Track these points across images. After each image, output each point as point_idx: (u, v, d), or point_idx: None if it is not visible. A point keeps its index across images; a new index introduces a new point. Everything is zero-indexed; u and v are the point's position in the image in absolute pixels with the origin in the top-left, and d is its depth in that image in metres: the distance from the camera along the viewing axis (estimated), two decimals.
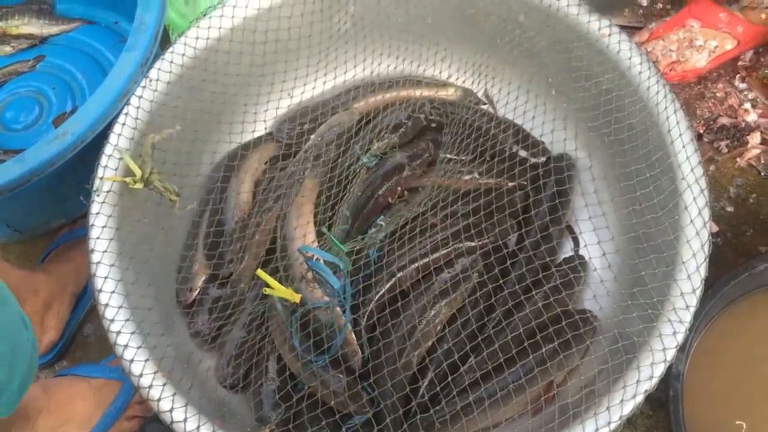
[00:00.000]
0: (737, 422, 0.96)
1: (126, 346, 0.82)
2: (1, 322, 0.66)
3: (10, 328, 0.68)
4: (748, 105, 1.29)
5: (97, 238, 0.87)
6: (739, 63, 1.31)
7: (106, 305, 0.84)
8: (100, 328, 1.12)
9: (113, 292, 0.85)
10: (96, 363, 1.03)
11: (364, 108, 1.13)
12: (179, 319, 1.00)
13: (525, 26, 1.08)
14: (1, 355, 0.65)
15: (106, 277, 0.85)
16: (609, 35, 1.01)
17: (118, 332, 0.83)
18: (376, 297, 0.94)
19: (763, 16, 1.23)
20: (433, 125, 1.12)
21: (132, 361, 0.81)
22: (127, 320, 0.84)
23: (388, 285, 0.95)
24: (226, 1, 1.05)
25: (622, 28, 1.09)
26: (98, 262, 0.86)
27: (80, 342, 1.13)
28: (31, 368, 0.70)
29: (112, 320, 0.83)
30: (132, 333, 0.83)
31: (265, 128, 1.15)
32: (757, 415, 0.97)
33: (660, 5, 1.39)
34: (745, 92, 1.31)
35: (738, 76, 1.31)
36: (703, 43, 1.25)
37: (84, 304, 1.15)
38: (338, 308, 0.89)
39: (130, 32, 1.05)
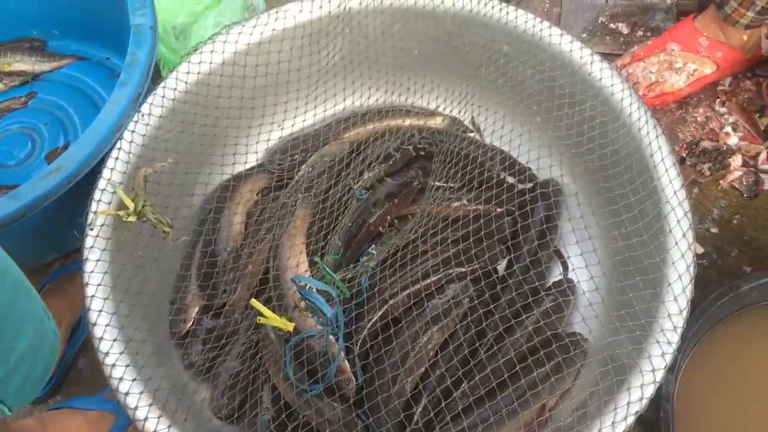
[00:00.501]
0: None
1: (121, 378, 0.82)
2: (27, 311, 0.68)
3: (36, 317, 0.70)
4: (728, 128, 1.32)
5: (92, 271, 0.88)
6: (719, 88, 1.35)
7: (101, 338, 0.85)
8: (93, 362, 1.13)
9: (108, 325, 0.85)
10: (91, 396, 1.03)
11: (354, 138, 1.15)
12: (173, 350, 1.00)
13: (509, 56, 1.10)
14: (28, 341, 0.67)
15: (100, 311, 0.86)
16: (591, 63, 1.03)
17: (113, 365, 0.83)
18: (369, 324, 0.95)
19: (745, 37, 1.26)
20: (422, 153, 1.14)
21: (127, 393, 0.81)
22: (121, 353, 0.84)
23: (380, 312, 0.96)
24: (217, 37, 1.07)
25: (604, 55, 1.12)
26: (93, 296, 0.87)
27: (74, 376, 1.13)
28: (53, 355, 0.73)
29: (107, 353, 0.84)
30: (127, 366, 0.83)
31: (257, 159, 1.16)
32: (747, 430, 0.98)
33: (640, 32, 1.43)
34: (726, 116, 1.34)
35: (718, 100, 1.34)
36: (682, 66, 1.29)
37: (77, 338, 1.16)
38: (331, 336, 0.90)
39: (122, 67, 1.07)
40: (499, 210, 1.08)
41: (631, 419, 0.78)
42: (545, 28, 1.06)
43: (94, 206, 0.92)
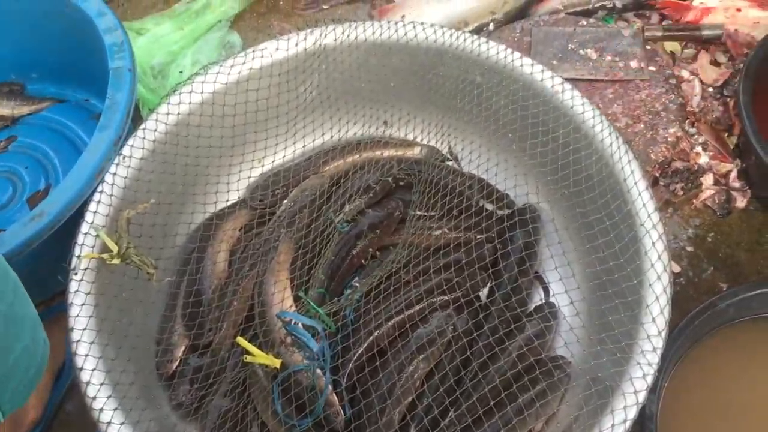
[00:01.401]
0: None
1: (109, 423, 0.82)
2: (26, 314, 0.71)
3: (32, 320, 0.73)
4: (699, 148, 1.35)
5: (77, 316, 0.89)
6: (688, 109, 1.38)
7: (88, 383, 0.85)
8: (81, 404, 1.12)
9: (94, 369, 0.86)
10: None
11: (334, 172, 1.17)
12: (161, 391, 1.00)
13: (482, 86, 1.13)
14: (25, 344, 0.69)
15: (86, 355, 0.86)
16: (562, 92, 1.06)
17: (101, 409, 0.83)
18: (355, 357, 0.96)
19: None
20: (402, 184, 1.16)
21: None
22: (109, 397, 0.84)
23: (365, 344, 0.97)
24: (195, 77, 1.09)
25: (574, 80, 1.15)
26: (78, 341, 0.87)
27: (62, 419, 1.12)
28: (43, 361, 0.75)
29: (94, 398, 0.84)
30: (115, 409, 0.84)
31: (238, 196, 1.17)
32: None
33: (609, 57, 1.46)
34: (696, 136, 1.37)
35: (687, 121, 1.38)
36: None
37: (63, 381, 1.15)
38: (318, 371, 0.91)
39: (101, 109, 1.08)
40: (479, 237, 1.10)
41: None
42: (516, 58, 1.09)
43: (77, 250, 0.93)
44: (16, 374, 0.66)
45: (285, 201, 1.13)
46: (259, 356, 0.89)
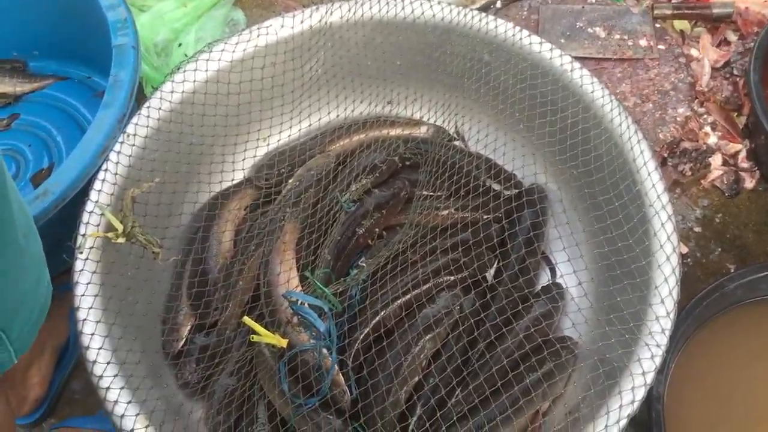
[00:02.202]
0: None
1: (116, 401, 0.82)
2: (36, 252, 0.70)
3: (40, 259, 0.73)
4: (707, 128, 1.34)
5: (83, 295, 0.88)
6: (697, 88, 1.37)
7: (94, 362, 0.85)
8: (86, 384, 1.12)
9: (101, 348, 0.85)
10: (87, 415, 1.03)
11: (340, 151, 1.16)
12: (167, 370, 1.00)
13: (490, 65, 1.12)
14: (31, 281, 0.69)
15: (92, 334, 0.86)
16: (571, 70, 1.05)
17: (108, 388, 0.83)
18: (362, 337, 0.96)
19: None
20: (408, 164, 1.15)
21: (123, 416, 0.81)
22: (115, 375, 0.84)
23: (372, 324, 0.97)
24: (199, 55, 1.08)
25: (583, 59, 1.14)
26: (84, 319, 0.87)
27: (68, 398, 1.13)
28: (45, 303, 0.74)
29: (100, 376, 0.84)
30: (121, 388, 0.83)
31: (244, 175, 1.16)
32: (737, 427, 1.00)
33: (617, 35, 1.44)
34: (705, 116, 1.36)
35: (696, 101, 1.36)
36: None
37: (68, 360, 1.15)
38: (325, 350, 0.91)
39: (104, 86, 1.07)
40: (486, 218, 1.09)
41: (624, 422, 0.79)
42: (525, 36, 1.08)
43: (82, 229, 0.92)
44: (23, 312, 0.66)
45: (290, 180, 1.12)
46: (266, 335, 0.89)
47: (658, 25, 1.43)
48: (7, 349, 0.66)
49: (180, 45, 1.38)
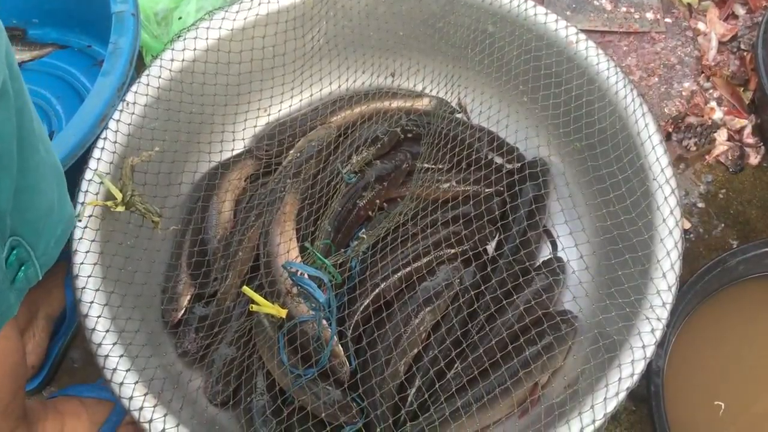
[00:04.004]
0: (716, 403, 0.99)
1: (115, 369, 0.82)
2: (58, 169, 0.71)
3: (60, 178, 0.73)
4: (713, 103, 1.32)
5: (81, 263, 0.88)
6: (703, 63, 1.35)
7: (93, 330, 0.84)
8: (85, 353, 1.13)
9: (99, 316, 0.85)
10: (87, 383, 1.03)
11: (341, 122, 1.15)
12: (166, 339, 1.00)
13: (494, 36, 1.10)
14: (55, 194, 0.69)
15: (91, 302, 0.86)
16: (576, 42, 1.03)
17: (106, 356, 0.83)
18: (361, 308, 0.96)
19: None
20: (410, 136, 1.14)
21: (122, 384, 0.81)
22: (114, 344, 0.84)
23: (372, 296, 0.97)
24: (200, 23, 1.06)
25: (588, 32, 1.12)
26: (83, 288, 0.87)
27: (67, 367, 1.13)
28: (70, 220, 0.74)
29: (99, 344, 0.84)
30: (120, 356, 0.83)
31: (244, 146, 1.16)
32: (736, 402, 1.00)
33: (624, 8, 1.42)
34: (710, 91, 1.34)
35: (702, 75, 1.35)
36: None
37: (66, 328, 1.15)
38: (324, 321, 0.91)
39: (104, 56, 1.05)
40: (487, 191, 1.09)
41: (622, 395, 0.79)
42: (530, 7, 1.06)
43: (81, 197, 0.91)
44: (49, 223, 0.67)
45: (291, 151, 1.11)
46: (265, 305, 0.89)
47: None
48: (33, 264, 0.66)
49: (180, 18, 1.36)
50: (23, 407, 0.82)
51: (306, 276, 0.92)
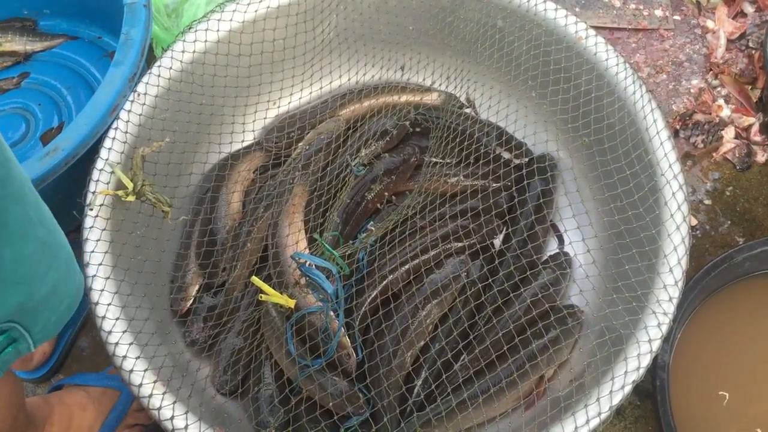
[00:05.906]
0: (720, 392, 1.00)
1: (125, 357, 0.83)
2: (64, 247, 0.66)
3: (67, 255, 0.68)
4: (721, 101, 1.32)
5: (92, 251, 0.88)
6: (711, 60, 1.35)
7: (103, 317, 0.85)
8: (94, 341, 1.14)
9: (110, 304, 0.86)
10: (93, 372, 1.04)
11: (350, 115, 1.15)
12: (175, 328, 1.01)
13: (504, 31, 1.10)
14: (59, 274, 0.65)
15: (102, 290, 0.86)
16: (586, 38, 1.04)
17: (116, 343, 0.84)
18: (369, 300, 0.97)
19: None
20: (418, 130, 1.15)
21: (131, 371, 0.82)
22: (124, 331, 0.85)
23: (379, 288, 0.97)
24: (211, 15, 1.07)
25: (597, 28, 1.12)
26: (94, 276, 0.87)
27: (75, 355, 1.14)
28: (78, 293, 0.70)
29: (109, 332, 0.84)
30: (130, 344, 0.84)
31: (253, 138, 1.16)
32: (741, 397, 1.00)
33: (633, 5, 1.43)
34: (718, 88, 1.34)
35: (711, 73, 1.35)
36: None
37: (76, 317, 1.16)
38: (332, 312, 0.91)
39: (116, 47, 1.06)
40: (495, 185, 1.09)
41: (628, 389, 0.79)
42: (540, 2, 1.07)
43: (92, 186, 0.92)
44: (49, 305, 0.65)
45: (300, 144, 1.11)
46: (274, 295, 0.89)
47: None
48: (26, 340, 0.64)
49: (192, 7, 1.36)
50: (26, 418, 0.82)
51: (314, 267, 0.93)
